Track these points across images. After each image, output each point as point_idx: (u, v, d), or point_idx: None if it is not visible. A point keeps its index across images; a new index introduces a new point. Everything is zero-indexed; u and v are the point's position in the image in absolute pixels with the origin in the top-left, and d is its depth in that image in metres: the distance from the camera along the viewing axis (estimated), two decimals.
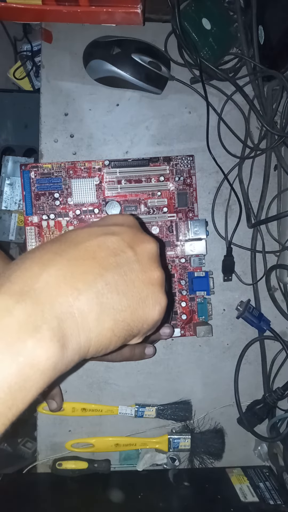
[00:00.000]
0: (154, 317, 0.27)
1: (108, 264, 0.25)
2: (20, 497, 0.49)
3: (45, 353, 0.21)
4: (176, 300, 0.53)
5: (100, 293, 0.24)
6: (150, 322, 0.27)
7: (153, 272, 0.27)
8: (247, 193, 0.54)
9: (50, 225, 0.52)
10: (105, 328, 0.24)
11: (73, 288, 0.23)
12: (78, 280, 0.24)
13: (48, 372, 0.21)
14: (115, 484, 0.51)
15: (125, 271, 0.26)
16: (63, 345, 0.22)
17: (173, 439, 0.52)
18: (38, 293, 0.22)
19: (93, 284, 0.24)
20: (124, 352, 0.47)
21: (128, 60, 0.50)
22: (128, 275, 0.26)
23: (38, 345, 0.21)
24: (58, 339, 0.22)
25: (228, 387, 0.54)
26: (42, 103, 0.54)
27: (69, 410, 0.52)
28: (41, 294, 0.22)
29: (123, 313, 0.25)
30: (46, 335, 0.21)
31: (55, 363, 0.21)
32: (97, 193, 0.52)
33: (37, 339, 0.21)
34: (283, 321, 0.54)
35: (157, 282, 0.27)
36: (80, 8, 0.48)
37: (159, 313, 0.27)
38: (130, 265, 0.26)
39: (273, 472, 0.52)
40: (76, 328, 0.23)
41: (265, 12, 0.49)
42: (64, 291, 0.23)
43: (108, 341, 0.25)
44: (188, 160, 0.53)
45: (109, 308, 0.24)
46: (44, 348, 0.21)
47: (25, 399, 0.21)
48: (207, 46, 0.51)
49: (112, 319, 0.25)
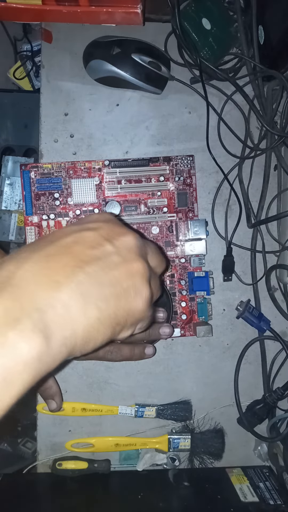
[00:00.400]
0: (138, 307, 0.27)
1: (86, 257, 0.25)
2: (20, 497, 0.49)
3: (27, 345, 0.20)
4: (176, 300, 0.53)
5: (81, 284, 0.24)
6: (135, 313, 0.27)
7: (133, 263, 0.27)
8: (247, 193, 0.54)
9: (50, 225, 0.52)
10: (91, 317, 0.24)
11: (52, 281, 0.23)
12: (56, 273, 0.23)
13: (33, 364, 0.21)
14: (115, 484, 0.51)
15: (104, 262, 0.26)
16: (46, 336, 0.21)
17: (173, 439, 0.52)
18: (15, 288, 0.22)
19: (72, 276, 0.24)
20: (124, 352, 0.47)
21: (128, 60, 0.50)
22: (108, 267, 0.26)
23: (19, 336, 0.20)
24: (40, 330, 0.21)
25: (228, 387, 0.54)
26: (42, 103, 0.54)
27: (69, 410, 0.52)
28: (19, 289, 0.22)
29: (107, 302, 0.25)
30: (27, 326, 0.21)
31: (40, 355, 0.21)
32: (97, 193, 0.52)
33: (18, 330, 0.20)
34: (283, 321, 0.54)
35: (138, 273, 0.27)
36: (80, 8, 0.48)
37: (142, 304, 0.27)
38: (109, 257, 0.26)
39: (273, 472, 0.52)
40: (59, 319, 0.22)
41: (265, 12, 0.49)
42: (43, 284, 0.23)
43: (96, 332, 0.24)
44: (188, 160, 0.53)
45: (92, 298, 0.24)
46: (26, 339, 0.20)
47: (11, 392, 0.20)
48: (207, 46, 0.51)
49: (96, 308, 0.24)
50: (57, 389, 0.51)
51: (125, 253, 0.27)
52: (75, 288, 0.23)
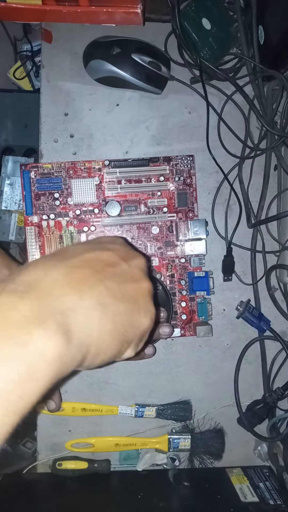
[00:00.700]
0: (146, 324, 0.29)
1: (106, 272, 0.27)
2: (20, 497, 0.49)
3: (52, 344, 0.21)
4: (176, 300, 0.53)
5: (101, 296, 0.26)
6: (142, 329, 0.29)
7: (144, 283, 0.30)
8: (247, 193, 0.54)
9: (50, 225, 0.52)
10: (106, 330, 0.25)
11: (76, 289, 0.24)
12: (80, 283, 0.25)
13: (55, 363, 0.22)
14: (115, 484, 0.51)
15: (121, 280, 0.28)
16: (67, 339, 0.22)
17: (173, 439, 0.52)
18: (42, 292, 0.23)
19: (95, 287, 0.25)
20: None
21: (128, 60, 0.50)
22: (124, 284, 0.28)
23: (45, 335, 0.21)
24: (63, 332, 0.22)
25: (228, 387, 0.54)
26: (42, 103, 0.54)
27: (69, 410, 0.52)
28: (46, 293, 0.23)
29: (121, 317, 0.27)
30: (52, 327, 0.22)
31: (61, 356, 0.22)
32: (97, 193, 0.52)
33: (44, 330, 0.21)
34: (283, 321, 0.54)
35: (147, 292, 0.30)
36: (80, 8, 0.48)
37: (150, 321, 0.29)
38: (125, 275, 0.28)
39: (273, 472, 0.52)
40: (79, 324, 0.23)
41: (265, 12, 0.49)
42: (68, 291, 0.24)
43: (107, 345, 0.26)
44: (188, 160, 0.53)
45: (109, 311, 0.26)
46: (51, 340, 0.21)
47: (35, 389, 0.21)
48: (207, 46, 0.51)
49: (112, 321, 0.26)
50: (57, 389, 0.51)
51: (137, 273, 0.30)
52: (96, 299, 0.25)
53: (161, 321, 0.48)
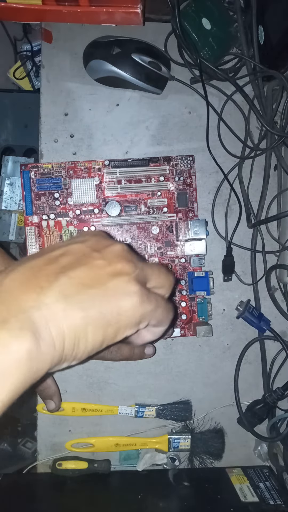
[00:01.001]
0: (126, 306, 0.27)
1: (70, 265, 0.26)
2: (20, 497, 0.49)
3: (16, 343, 0.21)
4: (176, 300, 0.53)
5: (63, 287, 0.25)
6: (126, 313, 0.27)
7: (118, 264, 0.27)
8: (247, 193, 0.54)
9: (50, 225, 0.52)
10: (75, 317, 0.24)
11: (36, 286, 0.24)
12: (40, 280, 0.24)
13: (24, 362, 0.21)
14: (115, 484, 0.51)
15: (88, 267, 0.26)
16: (34, 335, 0.22)
17: (173, 439, 0.52)
18: (2, 294, 0.23)
19: (55, 281, 0.25)
20: (124, 351, 0.47)
21: (128, 60, 0.50)
22: (91, 270, 0.26)
23: (8, 335, 0.21)
24: (27, 329, 0.22)
25: (228, 387, 0.54)
26: (42, 103, 0.54)
27: (69, 410, 0.52)
28: (5, 295, 0.23)
29: (91, 302, 0.25)
30: (15, 325, 0.22)
31: (30, 353, 0.21)
32: (97, 193, 0.52)
33: (6, 329, 0.21)
34: (283, 321, 0.54)
35: (122, 272, 0.27)
36: (80, 8, 0.48)
37: (131, 303, 0.27)
38: (94, 261, 0.27)
39: (273, 472, 0.52)
40: (44, 319, 0.23)
41: (265, 12, 0.49)
42: (28, 290, 0.24)
43: (83, 332, 0.25)
44: (188, 160, 0.53)
45: (76, 299, 0.25)
46: (15, 338, 0.21)
47: (6, 391, 0.21)
48: (207, 46, 0.51)
49: (79, 308, 0.25)
50: (56, 389, 0.51)
51: (111, 257, 0.28)
52: (58, 291, 0.24)
53: None
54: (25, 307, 0.23)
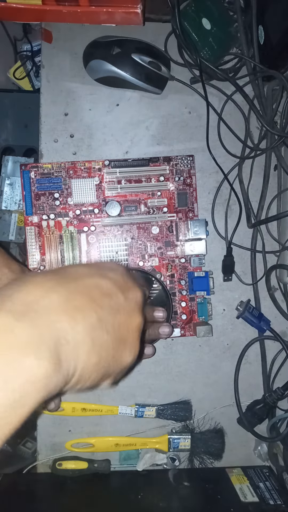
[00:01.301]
0: (128, 361, 0.29)
1: (102, 303, 0.27)
2: (20, 497, 0.49)
3: (42, 371, 0.22)
4: (176, 300, 0.53)
5: (93, 328, 0.26)
6: (124, 366, 0.29)
7: (136, 318, 0.30)
8: (247, 193, 0.54)
9: (50, 225, 0.52)
10: (91, 362, 0.26)
11: (71, 317, 0.25)
12: (76, 310, 0.25)
13: (43, 390, 0.22)
14: (115, 484, 0.51)
15: (115, 312, 0.28)
16: (57, 367, 0.23)
17: (173, 439, 0.52)
18: (38, 315, 0.23)
19: (88, 318, 0.26)
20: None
21: (128, 60, 0.50)
22: (117, 317, 0.28)
23: (37, 363, 0.22)
24: (54, 361, 0.22)
25: (228, 387, 0.54)
26: (42, 103, 0.54)
27: (69, 410, 0.52)
28: (41, 317, 0.23)
29: (107, 352, 0.27)
30: (45, 355, 0.22)
31: (48, 382, 0.22)
32: (97, 193, 0.52)
33: (37, 357, 0.22)
34: (283, 321, 0.54)
35: (137, 328, 0.30)
36: (80, 8, 0.48)
37: (132, 359, 0.29)
38: (119, 308, 0.28)
39: (273, 472, 0.52)
40: (69, 354, 0.24)
41: (265, 12, 0.49)
42: (63, 318, 0.24)
43: (89, 376, 0.26)
44: (188, 160, 0.53)
45: (98, 344, 0.26)
46: (42, 367, 0.22)
47: (22, 415, 0.21)
48: (207, 46, 0.51)
49: (98, 355, 0.26)
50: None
51: (132, 307, 0.30)
52: (88, 330, 0.25)
53: (161, 320, 0.48)
54: (56, 336, 0.23)
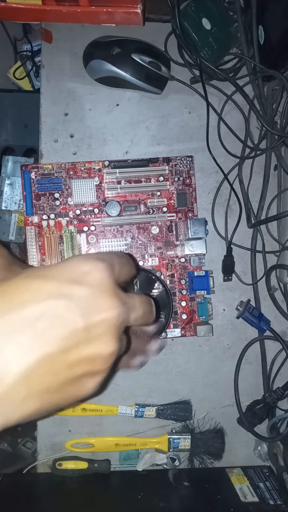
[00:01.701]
0: (86, 392, 0.25)
1: (47, 339, 0.22)
2: (20, 497, 0.49)
3: None
4: (176, 300, 0.53)
5: (30, 374, 0.21)
6: (80, 398, 0.25)
7: (101, 346, 0.24)
8: (247, 193, 0.54)
9: (50, 225, 0.52)
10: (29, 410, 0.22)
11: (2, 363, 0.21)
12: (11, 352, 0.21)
13: None
14: (115, 484, 0.51)
15: (66, 346, 0.22)
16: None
17: (173, 439, 0.52)
18: None
19: (24, 363, 0.21)
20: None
21: (128, 60, 0.50)
22: (68, 352, 0.23)
23: None
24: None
25: (228, 387, 0.54)
26: (42, 103, 0.54)
27: (69, 410, 0.52)
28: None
29: (52, 395, 0.23)
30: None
31: None
32: (97, 193, 0.52)
33: None
34: (283, 321, 0.54)
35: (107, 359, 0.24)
36: (80, 8, 0.48)
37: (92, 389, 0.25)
38: (74, 338, 0.23)
39: (273, 472, 0.52)
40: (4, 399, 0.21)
41: (265, 12, 0.49)
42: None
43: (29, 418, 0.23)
44: (187, 161, 0.53)
45: (37, 391, 0.22)
46: None
47: None
48: (207, 46, 0.51)
49: (39, 402, 0.22)
50: None
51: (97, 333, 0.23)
52: (24, 377, 0.21)
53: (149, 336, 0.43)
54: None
